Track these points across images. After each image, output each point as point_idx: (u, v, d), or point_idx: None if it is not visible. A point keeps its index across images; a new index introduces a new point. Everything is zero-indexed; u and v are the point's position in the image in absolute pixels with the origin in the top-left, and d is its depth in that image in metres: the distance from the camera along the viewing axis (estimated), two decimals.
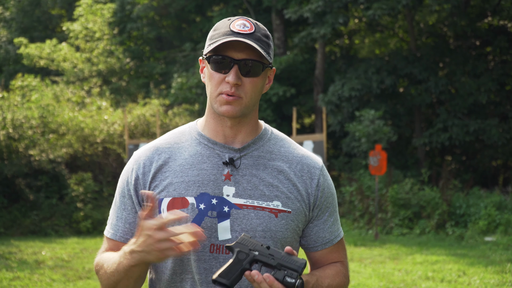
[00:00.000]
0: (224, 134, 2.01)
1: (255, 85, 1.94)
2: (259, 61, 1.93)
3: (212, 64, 1.94)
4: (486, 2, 17.34)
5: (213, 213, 1.95)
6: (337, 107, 16.18)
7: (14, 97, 15.12)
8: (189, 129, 2.07)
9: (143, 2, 20.73)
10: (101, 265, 1.96)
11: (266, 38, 1.96)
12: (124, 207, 2.02)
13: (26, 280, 7.82)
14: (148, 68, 21.61)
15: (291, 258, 1.79)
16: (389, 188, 13.19)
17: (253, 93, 1.94)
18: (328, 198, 2.06)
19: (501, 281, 7.71)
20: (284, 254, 1.80)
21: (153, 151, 2.03)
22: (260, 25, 1.98)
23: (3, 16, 24.87)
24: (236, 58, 1.91)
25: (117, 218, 2.04)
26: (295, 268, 1.77)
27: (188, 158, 2.00)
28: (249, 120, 2.01)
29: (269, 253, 1.80)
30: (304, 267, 1.78)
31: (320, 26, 15.76)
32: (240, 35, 1.90)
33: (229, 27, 1.93)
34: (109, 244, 2.03)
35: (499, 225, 11.54)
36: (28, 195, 13.11)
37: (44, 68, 21.55)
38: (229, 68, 1.91)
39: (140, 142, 14.39)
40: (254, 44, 1.90)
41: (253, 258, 1.79)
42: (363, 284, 7.64)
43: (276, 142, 2.07)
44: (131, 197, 2.01)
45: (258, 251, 1.80)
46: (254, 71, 1.93)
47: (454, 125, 15.29)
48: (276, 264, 1.78)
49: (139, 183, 2.00)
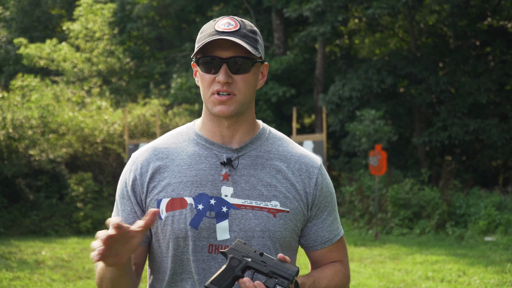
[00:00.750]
0: (221, 134, 2.01)
1: (247, 81, 1.95)
2: (248, 57, 1.93)
3: (202, 66, 1.95)
4: (486, 2, 17.34)
5: (212, 213, 1.94)
6: (338, 107, 16.18)
7: (14, 97, 15.12)
8: (186, 130, 2.07)
9: (143, 2, 20.73)
10: (97, 275, 1.98)
11: (253, 34, 1.96)
12: (124, 208, 2.02)
13: (26, 280, 7.81)
14: (148, 68, 21.62)
15: (283, 266, 1.79)
16: (389, 188, 13.19)
17: (246, 89, 1.95)
18: (326, 197, 2.06)
19: (501, 281, 7.70)
20: (277, 261, 1.80)
21: (150, 152, 2.03)
22: (246, 21, 1.98)
23: (3, 16, 24.87)
24: (223, 57, 1.92)
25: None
26: (286, 276, 1.77)
27: (186, 159, 2.00)
28: (246, 118, 2.01)
29: (261, 260, 1.80)
30: (295, 275, 1.77)
31: (319, 25, 15.77)
32: (225, 34, 1.91)
33: (214, 27, 1.94)
34: None
35: (499, 225, 11.54)
36: (28, 195, 13.11)
37: (44, 68, 21.55)
38: (218, 68, 1.92)
39: (140, 142, 14.40)
40: (239, 40, 1.90)
41: (246, 265, 1.79)
42: (363, 284, 7.64)
43: (274, 141, 2.07)
44: (130, 198, 2.01)
45: (251, 258, 1.80)
46: (243, 68, 1.93)
47: (454, 124, 15.30)
48: (268, 272, 1.78)
49: (136, 184, 2.00)
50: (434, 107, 17.34)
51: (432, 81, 15.64)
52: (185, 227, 1.94)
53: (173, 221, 1.95)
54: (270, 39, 19.92)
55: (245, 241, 1.91)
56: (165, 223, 1.96)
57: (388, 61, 16.48)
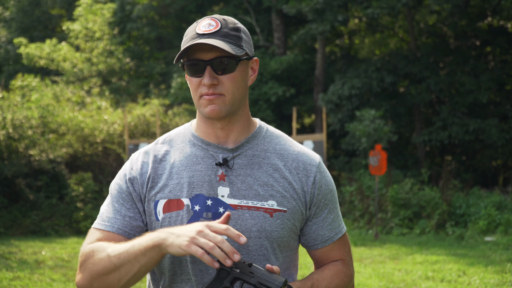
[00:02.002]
0: (216, 135, 2.00)
1: (234, 80, 1.93)
2: (230, 57, 1.91)
3: (188, 70, 1.94)
4: (486, 2, 17.35)
5: (208, 214, 1.93)
6: (337, 106, 16.18)
7: (14, 97, 15.13)
8: (184, 131, 2.07)
9: (143, 2, 20.73)
10: (102, 248, 1.88)
11: (235, 31, 1.95)
12: (123, 202, 1.99)
13: (26, 280, 7.81)
14: (148, 68, 21.62)
15: (270, 276, 1.78)
16: (389, 188, 13.19)
17: (234, 88, 1.93)
18: (326, 195, 2.04)
19: (501, 281, 7.70)
20: (265, 272, 1.80)
21: (150, 153, 2.03)
22: (228, 19, 1.97)
23: (3, 16, 24.88)
24: (206, 59, 1.90)
25: (114, 212, 1.99)
26: (273, 287, 1.77)
27: (182, 160, 1.99)
28: (239, 117, 2.00)
29: (249, 271, 1.79)
30: (283, 286, 1.77)
31: (319, 23, 15.78)
32: (205, 36, 1.90)
33: (195, 30, 1.94)
34: (102, 235, 1.96)
35: (499, 225, 11.54)
36: (28, 195, 13.11)
37: (44, 68, 21.56)
38: (203, 70, 1.91)
39: (140, 142, 14.39)
40: (217, 42, 1.88)
41: (234, 277, 1.79)
42: (363, 284, 7.63)
43: (272, 139, 2.05)
44: (130, 194, 1.99)
45: (240, 269, 1.80)
46: (228, 68, 1.91)
47: (454, 124, 15.30)
48: (256, 283, 1.78)
49: (136, 183, 1.99)
50: (434, 106, 17.35)
51: (432, 80, 15.64)
52: None
53: (170, 223, 1.94)
54: (270, 39, 19.92)
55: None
56: (162, 225, 1.95)
57: (388, 60, 16.48)
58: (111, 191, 2.03)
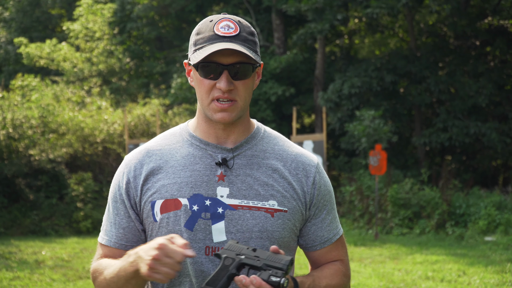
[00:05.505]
0: (216, 136, 1.98)
1: (247, 86, 1.91)
2: (248, 63, 1.88)
3: (201, 71, 1.89)
4: (486, 2, 17.34)
5: (207, 214, 1.92)
6: (337, 106, 16.17)
7: (14, 97, 15.12)
8: (180, 131, 2.04)
9: (143, 2, 20.73)
10: (101, 271, 1.93)
11: (252, 36, 1.92)
12: (117, 212, 1.99)
13: (26, 280, 7.81)
14: (148, 68, 21.61)
15: (276, 257, 1.78)
16: (389, 188, 13.19)
17: (246, 94, 1.91)
18: (325, 196, 2.03)
19: (501, 281, 7.70)
20: (270, 254, 1.80)
21: (144, 154, 2.00)
22: (244, 22, 1.93)
23: (3, 16, 24.87)
24: (225, 64, 1.86)
25: (110, 224, 2.00)
26: (280, 267, 1.76)
27: (180, 160, 1.97)
28: (242, 120, 1.98)
29: (254, 255, 1.79)
30: (289, 264, 1.77)
31: (318, 22, 15.78)
32: (226, 39, 1.86)
33: (213, 30, 1.88)
34: (104, 251, 2.00)
35: (499, 225, 11.54)
36: (28, 195, 13.11)
37: (44, 68, 21.56)
38: (218, 74, 1.87)
39: (140, 142, 14.39)
40: (241, 48, 1.85)
41: (239, 262, 1.79)
42: (363, 284, 7.63)
43: (270, 140, 2.03)
44: (123, 202, 1.98)
45: (245, 255, 1.80)
46: (245, 74, 1.88)
47: (454, 126, 15.28)
48: (262, 265, 1.78)
49: (130, 187, 1.97)
50: (434, 107, 17.34)
51: (431, 80, 15.64)
52: (180, 228, 1.92)
53: (168, 223, 1.93)
54: (270, 39, 19.91)
55: (243, 242, 1.90)
56: (160, 226, 1.94)
57: (388, 60, 16.48)
58: (108, 199, 2.04)
